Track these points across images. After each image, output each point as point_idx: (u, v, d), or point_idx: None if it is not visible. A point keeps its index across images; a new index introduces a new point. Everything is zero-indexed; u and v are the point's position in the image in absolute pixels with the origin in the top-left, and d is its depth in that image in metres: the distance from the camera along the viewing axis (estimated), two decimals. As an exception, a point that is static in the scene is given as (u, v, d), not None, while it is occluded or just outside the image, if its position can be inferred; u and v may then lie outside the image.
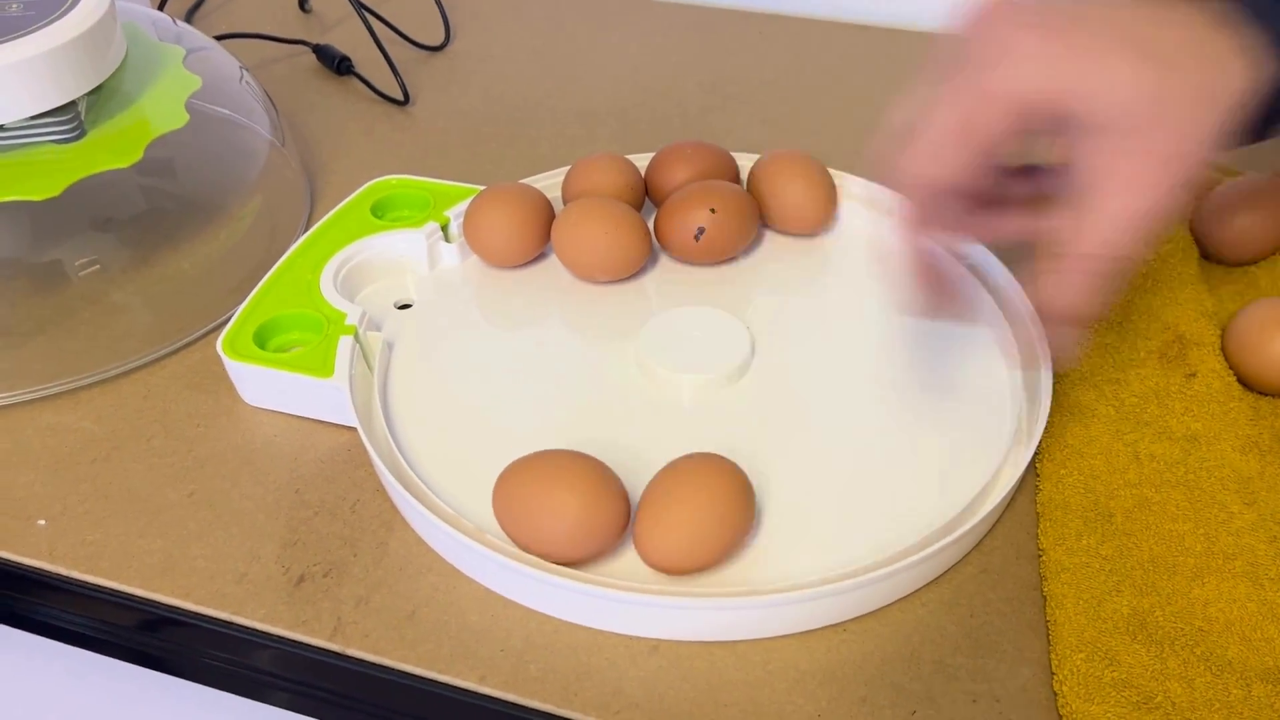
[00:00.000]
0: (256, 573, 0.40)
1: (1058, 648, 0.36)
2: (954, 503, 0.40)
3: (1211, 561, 0.39)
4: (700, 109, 0.69)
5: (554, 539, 0.38)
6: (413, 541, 0.41)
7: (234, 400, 0.48)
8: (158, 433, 0.46)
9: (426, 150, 0.65)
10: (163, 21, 0.60)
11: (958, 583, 0.40)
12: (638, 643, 0.38)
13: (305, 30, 0.77)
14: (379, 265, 0.52)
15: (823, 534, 0.40)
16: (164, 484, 0.44)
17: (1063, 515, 0.41)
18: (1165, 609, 0.38)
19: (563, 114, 0.68)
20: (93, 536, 0.42)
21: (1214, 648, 0.36)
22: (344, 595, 0.39)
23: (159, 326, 0.51)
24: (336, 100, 0.70)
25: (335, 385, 0.44)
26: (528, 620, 0.39)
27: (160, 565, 0.41)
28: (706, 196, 0.52)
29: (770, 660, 0.37)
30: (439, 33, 0.77)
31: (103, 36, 0.49)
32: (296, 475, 0.44)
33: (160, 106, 0.52)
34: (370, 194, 0.55)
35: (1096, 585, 0.38)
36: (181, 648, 0.40)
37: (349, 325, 0.47)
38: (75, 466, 0.45)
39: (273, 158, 0.59)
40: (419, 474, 0.42)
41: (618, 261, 0.51)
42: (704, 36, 0.77)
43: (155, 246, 0.52)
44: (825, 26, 0.79)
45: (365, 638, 0.38)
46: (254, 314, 0.48)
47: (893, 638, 0.38)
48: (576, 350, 0.50)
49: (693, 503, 0.38)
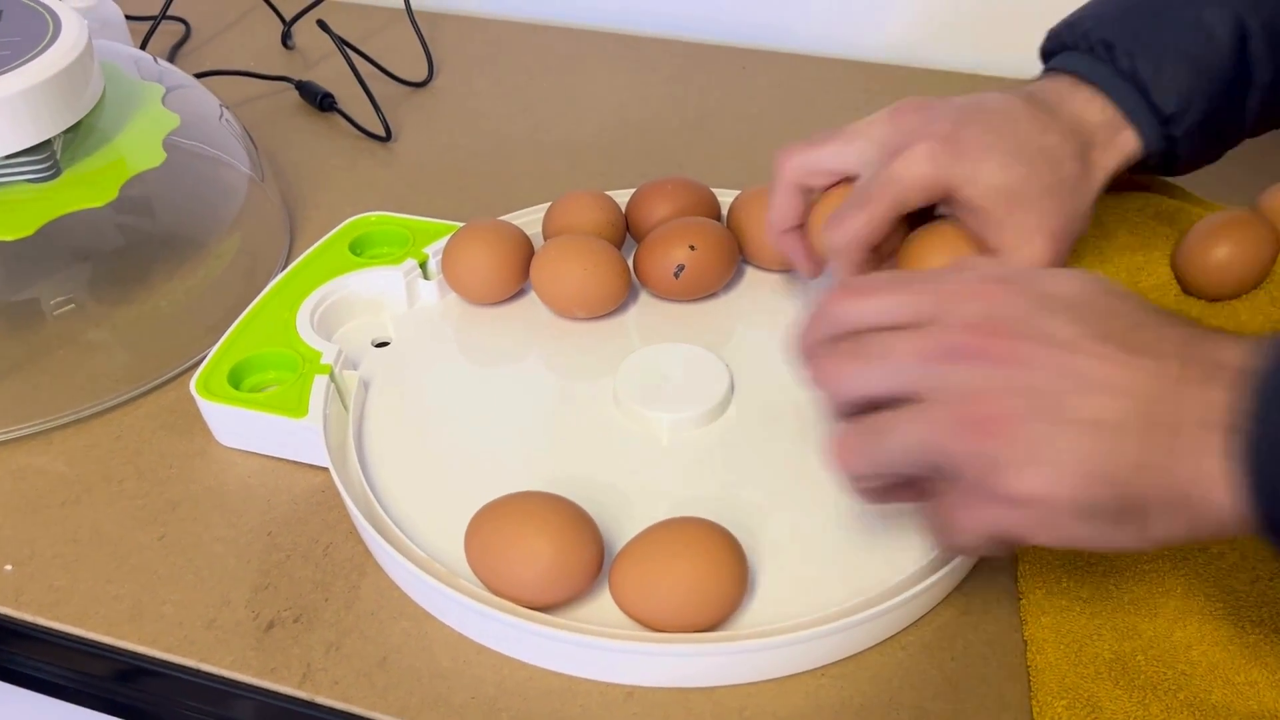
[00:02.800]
0: (226, 618, 0.40)
1: (1039, 694, 0.36)
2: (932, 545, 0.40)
3: (1193, 603, 0.38)
4: (681, 144, 0.69)
5: (526, 584, 0.37)
6: (385, 585, 0.41)
7: (208, 441, 0.47)
8: (130, 474, 0.46)
9: (407, 187, 0.65)
10: (144, 60, 0.60)
11: (938, 625, 0.39)
12: (612, 689, 0.37)
13: (288, 67, 0.78)
14: (357, 303, 0.52)
15: (801, 576, 0.40)
16: (134, 527, 0.43)
17: (1042, 557, 0.40)
18: (1147, 653, 0.37)
19: (544, 150, 0.68)
20: (60, 582, 0.41)
21: (1197, 692, 0.36)
22: (314, 641, 0.39)
23: (134, 366, 0.50)
24: (319, 137, 0.70)
25: (309, 426, 0.44)
26: (500, 666, 0.38)
27: (128, 611, 0.40)
28: (686, 234, 0.51)
29: (747, 706, 0.37)
30: (422, 69, 0.77)
31: (79, 75, 0.49)
32: (269, 518, 0.44)
33: (137, 145, 0.51)
34: (349, 231, 0.55)
35: (1077, 628, 0.38)
36: (153, 697, 0.39)
37: (324, 364, 0.46)
38: (45, 510, 0.44)
39: (252, 195, 0.59)
40: (392, 516, 0.41)
41: (597, 298, 0.51)
42: (685, 72, 0.78)
43: (132, 285, 0.52)
44: (806, 61, 0.79)
45: (335, 685, 0.37)
46: (229, 353, 0.47)
47: (872, 682, 0.37)
48: (555, 388, 0.49)
49: (691, 574, 0.37)
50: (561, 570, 0.37)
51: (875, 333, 0.34)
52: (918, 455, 0.32)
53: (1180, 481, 0.29)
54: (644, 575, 0.37)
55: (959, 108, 0.44)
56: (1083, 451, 0.30)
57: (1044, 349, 0.31)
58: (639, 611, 0.37)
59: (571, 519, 0.38)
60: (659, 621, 0.37)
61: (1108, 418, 0.30)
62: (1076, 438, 0.30)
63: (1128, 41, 0.44)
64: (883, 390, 0.33)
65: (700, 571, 0.37)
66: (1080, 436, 0.30)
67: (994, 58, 0.77)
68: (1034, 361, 0.31)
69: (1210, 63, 0.44)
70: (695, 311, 0.53)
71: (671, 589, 0.37)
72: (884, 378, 0.33)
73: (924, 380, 0.32)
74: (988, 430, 0.31)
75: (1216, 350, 0.30)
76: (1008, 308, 0.32)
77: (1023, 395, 0.30)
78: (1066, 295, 0.32)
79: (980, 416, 0.31)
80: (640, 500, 0.42)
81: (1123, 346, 0.31)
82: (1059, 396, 0.30)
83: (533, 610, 0.37)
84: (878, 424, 0.33)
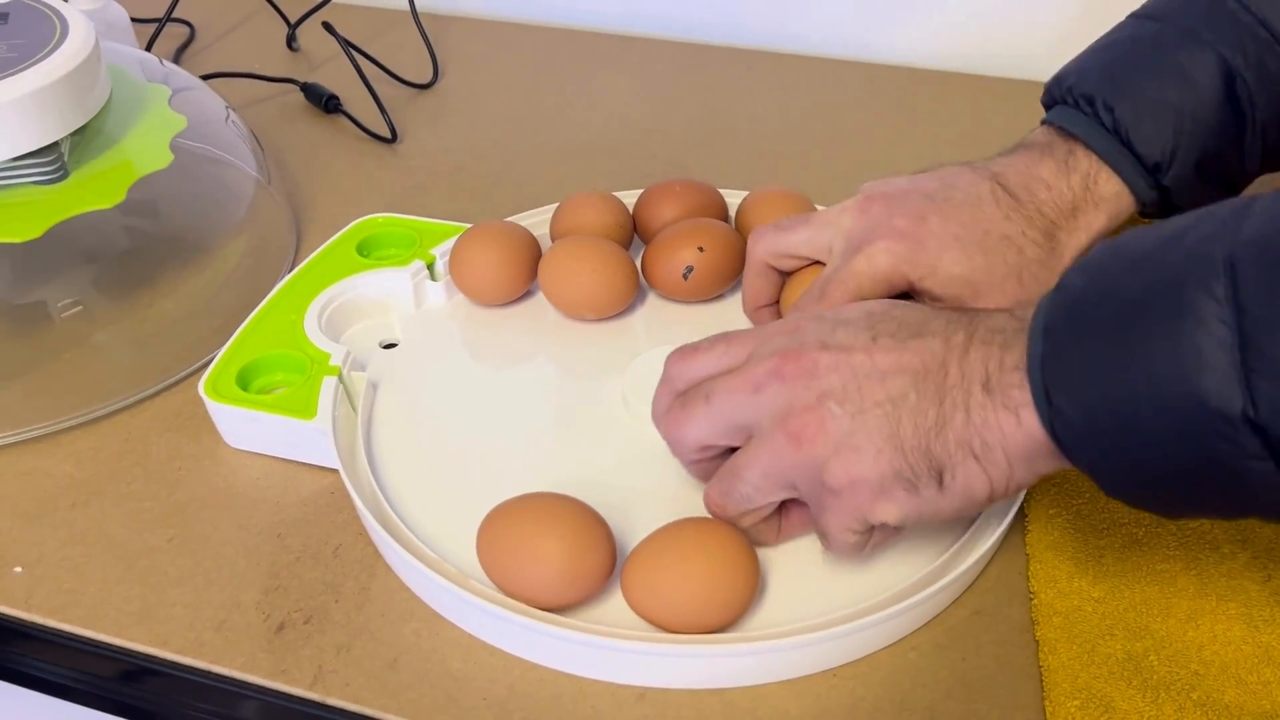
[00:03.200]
0: (236, 620, 0.40)
1: (1052, 694, 0.36)
2: (945, 545, 0.40)
3: (1205, 603, 0.38)
4: (688, 146, 0.69)
5: (538, 585, 0.37)
6: (395, 586, 0.41)
7: (216, 443, 0.47)
8: (138, 476, 0.46)
9: (414, 188, 0.65)
10: (150, 62, 0.60)
11: (949, 625, 0.39)
12: (624, 690, 0.37)
13: (294, 69, 0.78)
14: (364, 304, 0.52)
15: (812, 577, 0.40)
16: (143, 529, 0.43)
17: (1053, 556, 0.40)
18: (1160, 652, 0.37)
19: (550, 152, 0.68)
20: (70, 584, 0.41)
21: (1210, 692, 0.36)
22: (325, 643, 0.39)
23: (142, 368, 0.50)
24: (324, 139, 0.70)
25: (318, 427, 0.44)
26: (511, 667, 0.38)
27: (138, 613, 0.40)
28: (695, 235, 0.51)
29: (759, 707, 0.37)
30: (427, 71, 0.77)
31: (86, 78, 0.49)
32: (279, 519, 0.44)
33: (144, 147, 0.51)
34: (356, 233, 0.55)
35: (1089, 628, 0.38)
36: (163, 699, 0.39)
37: (333, 366, 0.46)
38: (54, 512, 0.44)
39: (258, 197, 0.59)
40: (402, 517, 0.41)
41: (605, 299, 0.51)
42: (692, 73, 0.78)
43: (139, 287, 0.52)
44: (812, 63, 0.79)
45: (346, 686, 0.37)
46: (237, 355, 0.47)
47: (884, 683, 0.37)
48: (563, 389, 0.49)
49: (703, 575, 0.37)
50: (573, 572, 0.37)
51: (702, 382, 0.38)
52: (770, 482, 0.36)
53: (979, 427, 0.33)
54: (656, 576, 0.37)
55: (925, 196, 0.45)
56: (883, 430, 0.34)
57: (836, 357, 0.35)
58: (651, 612, 0.37)
59: (584, 520, 0.38)
60: (671, 622, 0.37)
61: (898, 393, 0.34)
62: (874, 419, 0.34)
63: (1107, 94, 0.45)
64: (718, 430, 0.37)
65: (712, 572, 0.37)
66: (877, 418, 0.34)
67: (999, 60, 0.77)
68: (830, 370, 0.35)
69: (1195, 109, 0.44)
70: (704, 312, 0.53)
71: (683, 590, 0.37)
72: (712, 419, 0.37)
73: (747, 413, 0.36)
74: (805, 438, 0.35)
75: (1002, 320, 0.34)
76: (804, 334, 0.37)
77: (826, 399, 0.35)
78: (856, 313, 0.37)
79: (797, 429, 0.35)
80: (650, 502, 0.42)
81: (910, 337, 0.35)
82: (855, 391, 0.34)
83: (544, 611, 0.37)
84: (730, 467, 0.37)
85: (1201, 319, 0.28)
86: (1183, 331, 0.28)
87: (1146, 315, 0.29)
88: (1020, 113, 0.55)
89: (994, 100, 0.73)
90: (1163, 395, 0.28)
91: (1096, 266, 0.32)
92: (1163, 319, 0.29)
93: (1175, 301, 0.28)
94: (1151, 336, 0.29)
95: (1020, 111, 0.56)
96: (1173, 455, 0.29)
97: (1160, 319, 0.29)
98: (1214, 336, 0.28)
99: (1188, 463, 0.29)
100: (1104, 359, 0.30)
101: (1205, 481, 0.29)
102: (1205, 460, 0.29)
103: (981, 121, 0.71)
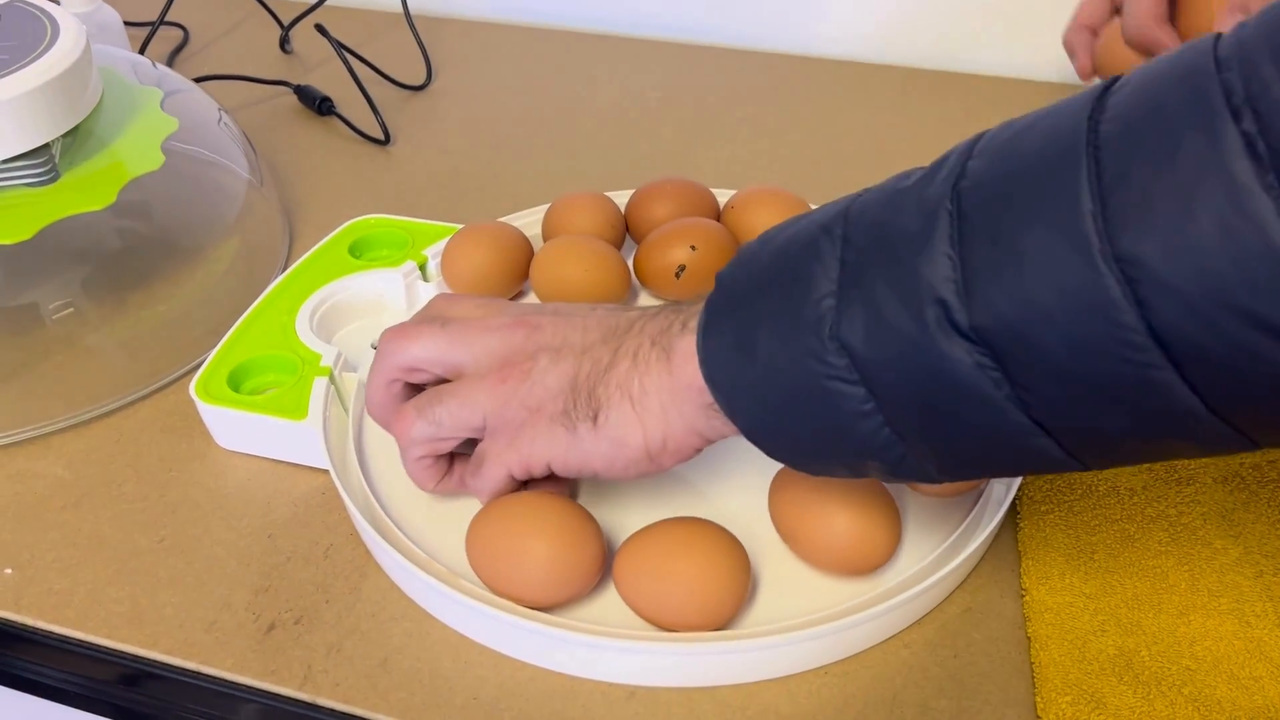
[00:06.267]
0: (226, 621, 0.40)
1: (1043, 690, 0.36)
2: (936, 542, 0.40)
3: (1196, 599, 0.38)
4: (679, 145, 0.69)
5: (528, 584, 0.37)
6: (386, 587, 0.41)
7: (207, 444, 0.47)
8: (129, 478, 0.46)
9: (406, 189, 0.65)
10: (142, 64, 0.60)
11: (941, 622, 0.39)
12: (614, 689, 0.37)
13: (287, 71, 0.78)
14: (356, 305, 0.52)
15: (803, 575, 0.40)
16: (134, 530, 0.43)
17: (1045, 553, 0.40)
18: (1151, 648, 0.37)
19: (542, 152, 0.68)
20: (60, 585, 0.41)
21: (1202, 687, 0.36)
22: (315, 643, 0.39)
23: (133, 369, 0.50)
24: (317, 140, 0.70)
25: (309, 428, 0.44)
26: (501, 667, 0.38)
27: (128, 614, 0.40)
28: (687, 234, 0.51)
29: (750, 705, 0.37)
30: (420, 72, 0.77)
31: (77, 80, 0.49)
32: (269, 520, 0.44)
33: (136, 149, 0.51)
34: (348, 234, 0.55)
35: (1081, 624, 0.38)
36: (154, 700, 0.39)
37: (324, 367, 0.46)
38: (44, 513, 0.44)
39: (251, 198, 0.59)
40: (393, 517, 0.41)
41: (597, 299, 0.51)
42: (681, 73, 0.78)
43: (131, 288, 0.52)
44: (802, 62, 0.79)
45: (336, 687, 0.37)
46: (228, 356, 0.47)
47: (875, 681, 0.37)
48: (555, 389, 0.49)
49: (693, 574, 0.36)
50: (563, 570, 0.37)
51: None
52: (467, 411, 0.39)
53: (641, 372, 0.36)
54: (646, 574, 0.37)
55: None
56: (567, 373, 0.37)
57: (560, 320, 0.39)
58: (642, 610, 0.37)
59: (573, 519, 0.38)
60: (661, 620, 0.37)
61: (590, 343, 0.38)
62: (566, 364, 0.38)
63: None
64: (440, 348, 0.40)
65: (703, 571, 0.37)
66: (569, 362, 0.38)
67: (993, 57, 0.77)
68: (552, 329, 0.39)
69: None
70: (695, 312, 0.53)
71: (674, 588, 0.36)
72: (438, 339, 0.40)
73: (473, 346, 0.40)
74: (512, 378, 0.38)
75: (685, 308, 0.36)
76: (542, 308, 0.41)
77: (542, 351, 0.38)
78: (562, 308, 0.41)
79: (508, 371, 0.38)
80: (641, 501, 0.42)
81: (621, 310, 0.39)
82: (563, 343, 0.39)
83: (535, 610, 0.37)
84: (435, 391, 0.40)
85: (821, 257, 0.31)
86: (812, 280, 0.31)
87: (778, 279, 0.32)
88: (1013, 113, 0.55)
89: (987, 100, 0.73)
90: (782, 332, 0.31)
91: (749, 252, 0.34)
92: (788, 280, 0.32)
93: (806, 252, 0.31)
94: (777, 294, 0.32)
95: (1013, 112, 0.56)
96: (796, 402, 0.31)
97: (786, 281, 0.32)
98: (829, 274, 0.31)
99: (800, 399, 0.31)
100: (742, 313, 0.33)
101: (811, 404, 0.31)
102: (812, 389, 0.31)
103: (974, 121, 0.71)
